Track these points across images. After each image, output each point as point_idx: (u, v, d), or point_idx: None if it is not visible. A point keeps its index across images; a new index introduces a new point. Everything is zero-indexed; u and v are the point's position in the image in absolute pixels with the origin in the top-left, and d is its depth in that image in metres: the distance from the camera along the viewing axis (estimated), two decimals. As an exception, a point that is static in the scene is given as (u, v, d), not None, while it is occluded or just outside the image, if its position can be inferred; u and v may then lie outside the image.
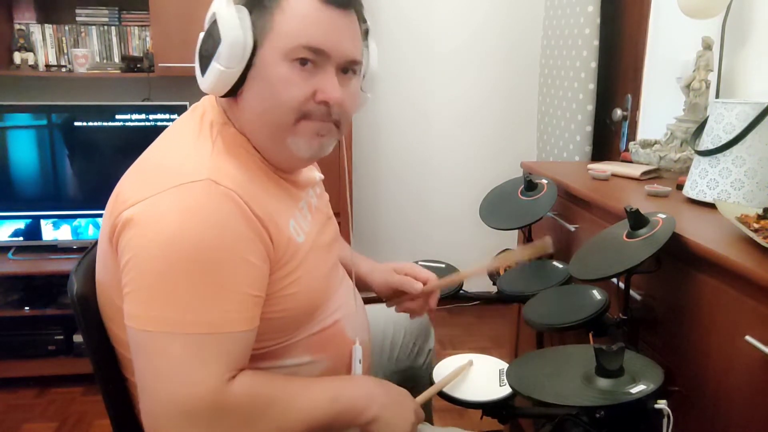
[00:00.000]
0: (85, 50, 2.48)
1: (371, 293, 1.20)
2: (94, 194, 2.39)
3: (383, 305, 1.21)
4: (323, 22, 0.82)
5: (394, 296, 1.16)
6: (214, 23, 0.81)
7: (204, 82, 0.83)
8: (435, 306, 1.14)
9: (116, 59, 2.57)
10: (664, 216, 1.09)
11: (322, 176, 1.11)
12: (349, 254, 1.19)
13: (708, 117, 1.30)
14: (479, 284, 1.84)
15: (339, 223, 1.14)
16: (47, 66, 2.53)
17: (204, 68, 0.82)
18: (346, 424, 0.85)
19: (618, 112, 2.28)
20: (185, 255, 0.73)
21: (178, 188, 0.75)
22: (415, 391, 1.01)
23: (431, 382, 1.12)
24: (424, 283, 1.12)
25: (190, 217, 0.74)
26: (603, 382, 0.87)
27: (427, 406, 1.39)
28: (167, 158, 0.83)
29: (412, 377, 1.34)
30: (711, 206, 1.22)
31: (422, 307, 1.15)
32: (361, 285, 1.17)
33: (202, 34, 0.83)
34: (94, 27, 2.55)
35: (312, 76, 0.83)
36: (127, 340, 0.79)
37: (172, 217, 0.74)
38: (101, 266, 0.88)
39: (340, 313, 0.97)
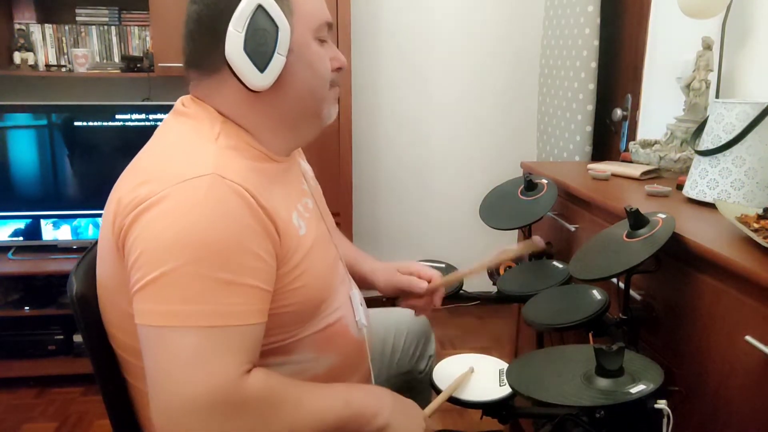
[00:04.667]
0: (85, 50, 2.48)
1: (371, 292, 1.20)
2: (94, 194, 2.39)
3: (383, 309, 1.21)
4: None
5: (398, 295, 1.17)
6: (259, 14, 0.79)
7: (265, 78, 0.82)
8: (440, 303, 1.16)
9: (116, 59, 2.57)
10: (664, 216, 1.09)
11: (310, 168, 1.11)
12: (351, 252, 1.20)
13: (708, 117, 1.30)
14: (479, 284, 1.84)
15: (339, 224, 1.15)
16: (47, 66, 2.53)
17: (262, 64, 0.81)
18: (356, 429, 0.85)
19: (618, 112, 2.28)
20: (194, 249, 0.72)
21: (184, 183, 0.75)
22: (414, 397, 1.01)
23: (432, 385, 1.12)
24: (429, 281, 1.13)
25: (198, 212, 0.74)
26: (603, 382, 0.87)
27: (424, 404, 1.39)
28: (169, 158, 0.82)
29: (413, 382, 1.34)
30: (711, 206, 1.22)
31: (428, 304, 1.16)
32: (364, 284, 1.17)
33: (237, 32, 0.79)
34: (94, 27, 2.55)
35: (325, 48, 0.90)
36: (132, 344, 0.78)
37: (181, 211, 0.74)
38: (104, 270, 0.87)
39: (343, 310, 0.98)
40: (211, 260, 0.73)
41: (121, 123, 2.33)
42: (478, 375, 1.16)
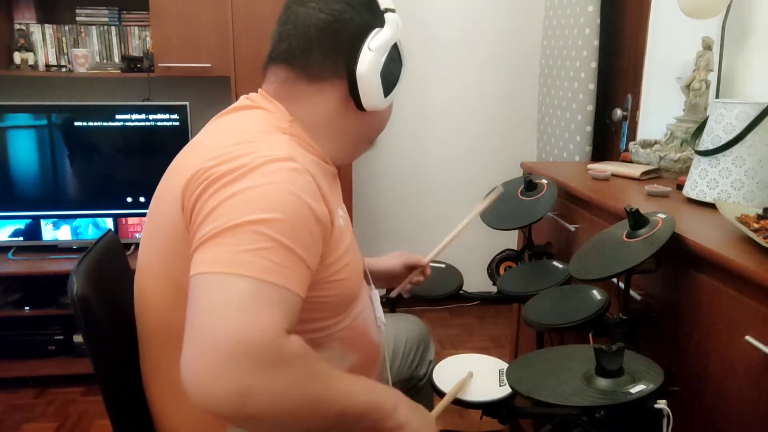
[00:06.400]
0: (85, 50, 2.48)
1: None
2: (94, 194, 2.39)
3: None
4: None
5: (404, 273, 1.38)
6: (394, 48, 0.92)
7: (384, 102, 0.93)
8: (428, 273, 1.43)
9: (116, 59, 2.57)
10: (664, 216, 1.09)
11: None
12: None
13: (708, 117, 1.30)
14: (479, 284, 1.84)
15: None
16: (47, 66, 2.53)
17: (388, 90, 0.93)
18: (376, 422, 0.84)
19: (618, 112, 2.28)
20: (267, 212, 0.75)
21: (265, 159, 0.78)
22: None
23: (432, 386, 1.13)
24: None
25: (276, 186, 0.77)
26: (603, 382, 0.87)
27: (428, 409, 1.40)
28: (246, 139, 0.84)
29: (413, 388, 1.35)
30: (711, 206, 1.22)
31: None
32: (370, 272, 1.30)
33: (376, 55, 0.89)
34: (94, 27, 2.55)
35: None
36: (165, 327, 0.83)
37: (261, 183, 0.77)
38: (147, 252, 0.90)
39: (366, 312, 1.01)
40: (280, 225, 0.75)
41: (121, 123, 2.33)
42: (479, 374, 1.16)
